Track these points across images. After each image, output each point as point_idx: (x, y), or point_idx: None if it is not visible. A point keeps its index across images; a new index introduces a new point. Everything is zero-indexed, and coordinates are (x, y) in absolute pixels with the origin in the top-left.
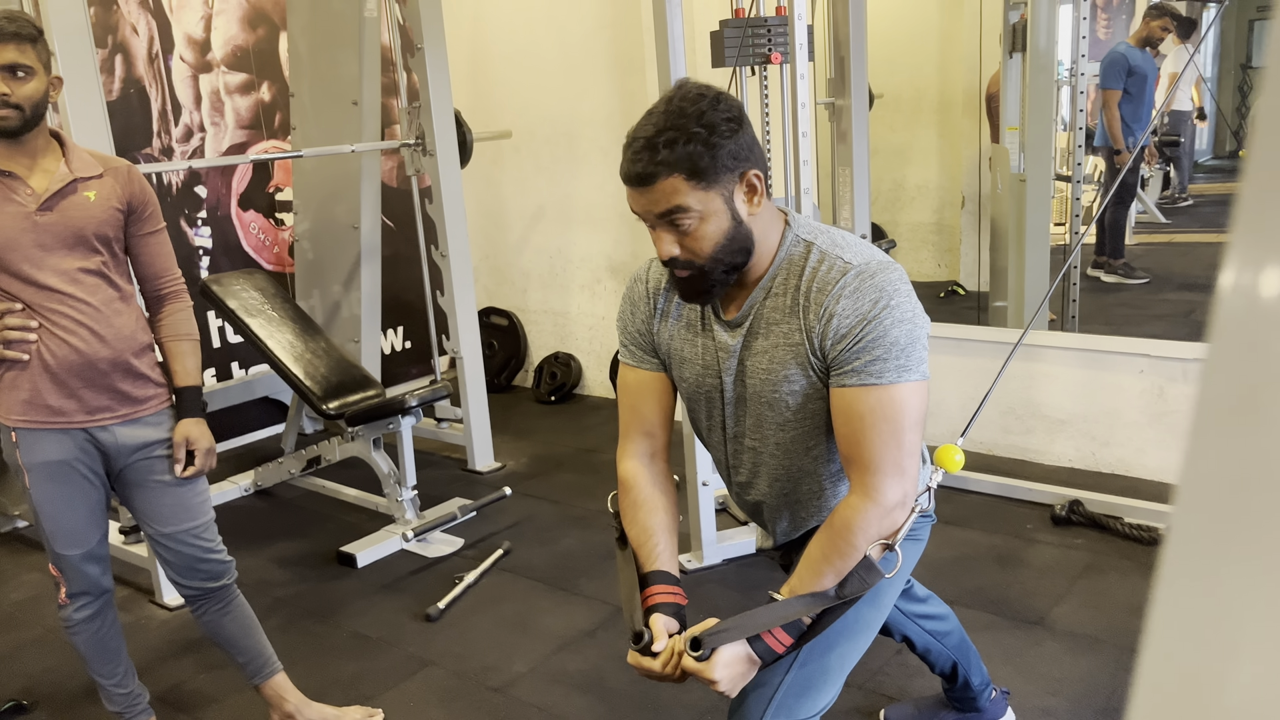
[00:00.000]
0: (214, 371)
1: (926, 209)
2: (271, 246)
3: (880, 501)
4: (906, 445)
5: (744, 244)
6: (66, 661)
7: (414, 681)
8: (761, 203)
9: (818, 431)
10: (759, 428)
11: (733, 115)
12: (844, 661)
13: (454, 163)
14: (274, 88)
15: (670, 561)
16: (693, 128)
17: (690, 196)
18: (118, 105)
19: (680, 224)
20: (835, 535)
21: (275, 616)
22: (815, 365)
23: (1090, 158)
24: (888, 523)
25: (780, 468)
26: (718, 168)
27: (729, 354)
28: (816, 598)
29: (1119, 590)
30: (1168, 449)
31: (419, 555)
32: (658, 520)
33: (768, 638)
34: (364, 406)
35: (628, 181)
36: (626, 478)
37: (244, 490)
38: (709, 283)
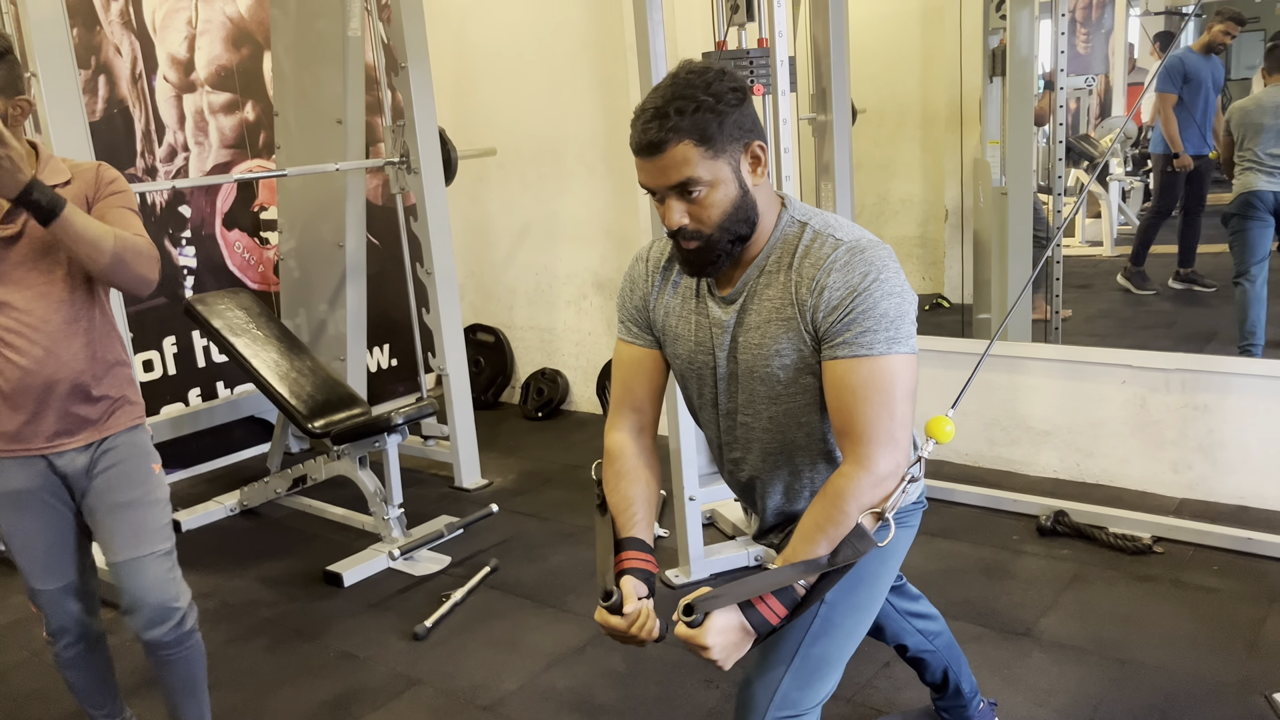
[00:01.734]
0: (199, 391)
1: (910, 222)
2: (256, 265)
3: (873, 470)
4: (898, 416)
5: (749, 214)
6: (52, 686)
7: (402, 701)
8: (764, 174)
9: (809, 407)
10: (751, 403)
11: (737, 86)
12: (843, 651)
13: (438, 180)
14: (258, 107)
15: (646, 531)
16: (701, 96)
17: (700, 165)
18: (101, 125)
19: (690, 192)
20: (828, 503)
21: (262, 637)
22: (808, 339)
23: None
24: (879, 491)
25: (773, 442)
26: (725, 135)
27: (723, 330)
28: (809, 565)
29: (1105, 600)
30: (1151, 459)
31: (406, 573)
32: (638, 491)
33: (761, 607)
34: (349, 425)
35: (639, 151)
36: (613, 448)
37: (230, 510)
38: (715, 253)
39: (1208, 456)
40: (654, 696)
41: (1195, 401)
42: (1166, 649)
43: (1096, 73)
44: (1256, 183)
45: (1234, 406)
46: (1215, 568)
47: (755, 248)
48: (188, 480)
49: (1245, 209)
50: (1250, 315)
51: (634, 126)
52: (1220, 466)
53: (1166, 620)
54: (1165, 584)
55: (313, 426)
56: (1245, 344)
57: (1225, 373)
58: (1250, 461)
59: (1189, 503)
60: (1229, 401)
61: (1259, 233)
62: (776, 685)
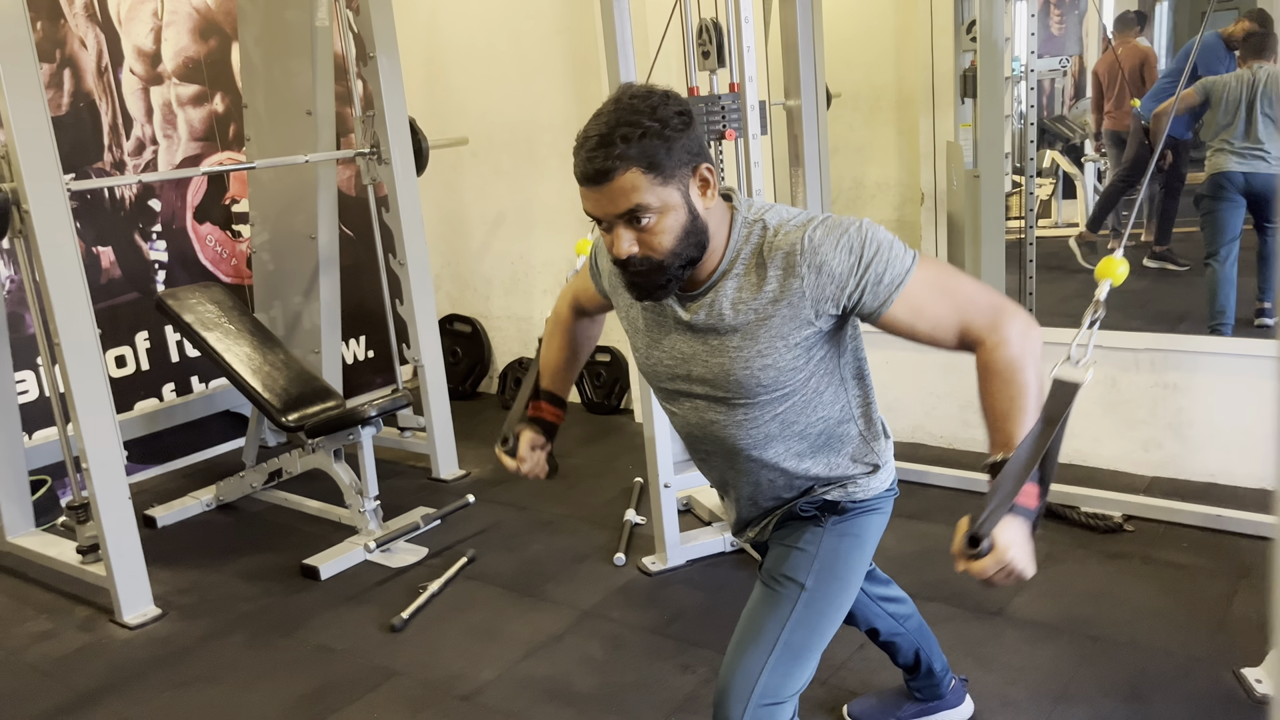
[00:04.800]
0: (174, 386)
1: (887, 206)
2: (229, 259)
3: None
4: (972, 285)
5: (700, 237)
6: (30, 685)
7: (380, 693)
8: (714, 197)
9: (780, 400)
10: (724, 402)
11: (683, 110)
12: (821, 637)
13: (410, 171)
14: (227, 99)
15: (563, 389)
16: (646, 121)
17: (649, 193)
18: (67, 120)
19: (640, 220)
20: (1002, 376)
21: (239, 632)
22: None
23: (1047, 152)
24: (1033, 340)
25: (745, 438)
26: (674, 161)
27: (689, 331)
28: (1032, 438)
29: (1077, 579)
30: (1122, 438)
31: (383, 566)
32: (567, 356)
33: (1020, 498)
34: (324, 418)
35: (585, 181)
36: (559, 313)
37: (206, 505)
38: (665, 277)
39: (1177, 435)
40: (631, 682)
41: (1165, 380)
42: (1137, 625)
43: (1070, 54)
44: (1227, 164)
45: (1203, 385)
46: (1185, 545)
47: (711, 262)
48: (163, 476)
49: (1216, 190)
50: (1220, 295)
51: (577, 155)
52: (1190, 445)
53: (1137, 597)
54: (1136, 561)
55: (287, 420)
56: (1215, 323)
57: (1194, 352)
58: (1219, 439)
59: (1160, 481)
60: (1198, 380)
61: (1229, 213)
62: (758, 674)
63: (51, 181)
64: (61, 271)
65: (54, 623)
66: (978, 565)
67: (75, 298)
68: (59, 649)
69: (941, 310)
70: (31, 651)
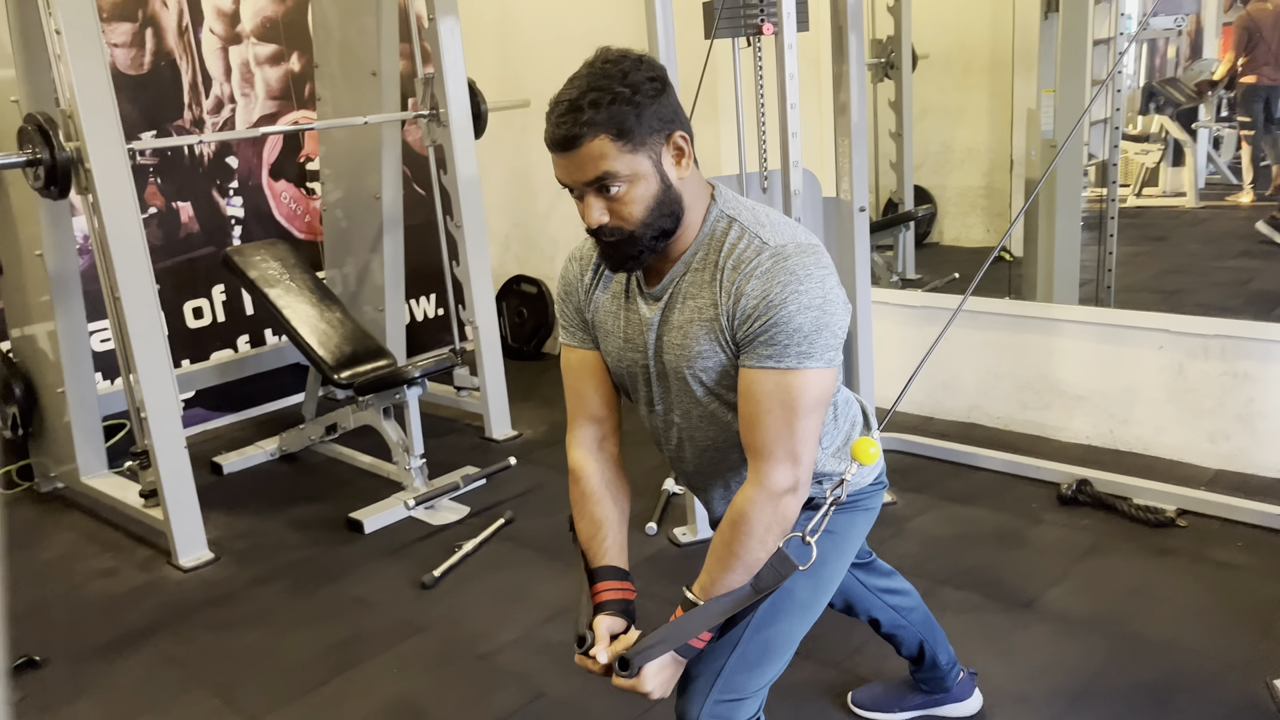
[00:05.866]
0: (248, 338)
1: (976, 172)
2: (303, 215)
3: (768, 488)
4: (799, 432)
5: (673, 208)
6: (87, 619)
7: (405, 646)
8: (689, 167)
9: (735, 405)
10: (681, 402)
11: (656, 75)
12: (790, 636)
13: (468, 134)
14: (303, 58)
15: (619, 555)
16: (616, 87)
17: (618, 160)
18: (149, 78)
19: (609, 189)
20: (733, 528)
21: (285, 579)
22: (728, 343)
23: (1156, 117)
24: (780, 510)
25: (706, 439)
26: (644, 128)
27: (648, 327)
28: (733, 597)
29: (1119, 574)
30: (1186, 427)
31: (425, 522)
32: (605, 511)
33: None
34: (372, 377)
35: (553, 147)
36: (575, 468)
37: (270, 455)
38: (638, 248)
39: (1247, 427)
40: None
41: (1235, 369)
42: (1174, 626)
43: (1187, 12)
44: None
45: (1277, 375)
46: (1240, 544)
47: (683, 242)
48: (235, 424)
49: None
50: None
51: (548, 120)
52: (1260, 437)
53: (1179, 596)
54: (1185, 559)
55: (338, 377)
56: None
57: (1267, 340)
58: None
59: (1224, 474)
60: (1271, 370)
61: None
62: (720, 669)
63: (113, 141)
64: (121, 228)
65: (116, 561)
66: (617, 680)
67: (135, 253)
68: (118, 586)
69: (760, 417)
70: (92, 587)
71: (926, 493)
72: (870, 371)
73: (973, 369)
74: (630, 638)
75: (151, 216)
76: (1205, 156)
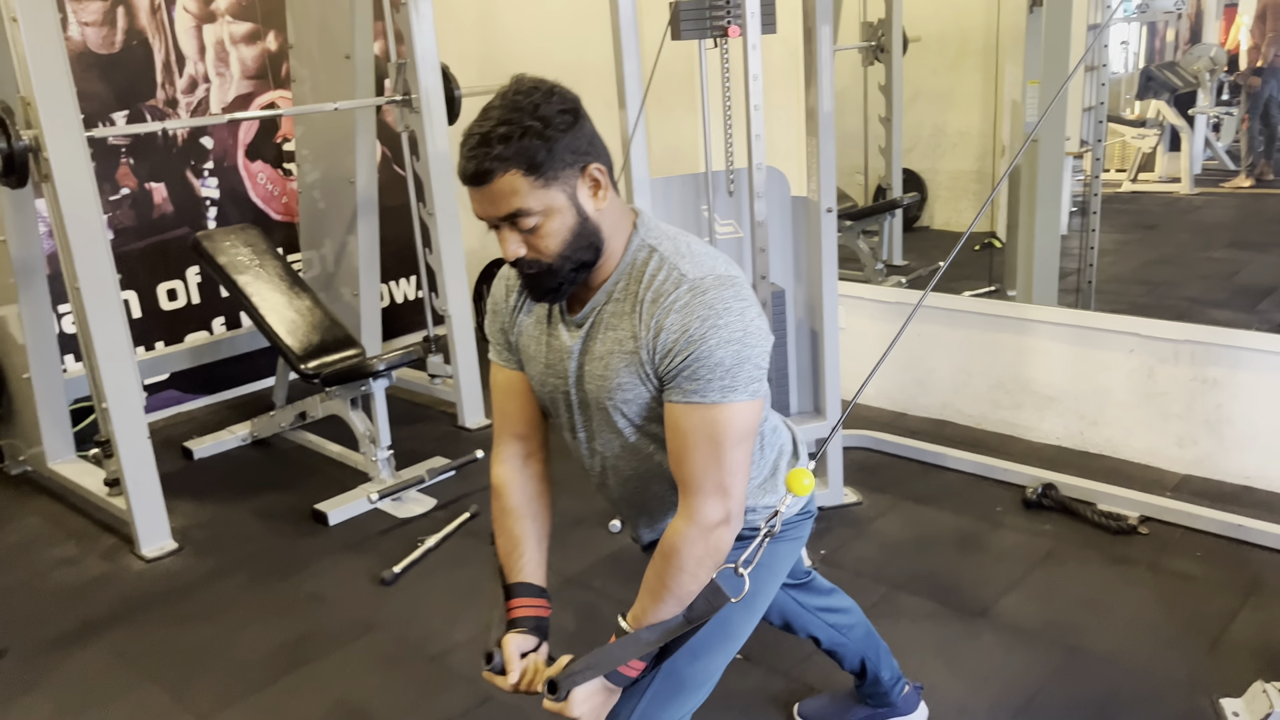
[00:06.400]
0: (223, 320)
1: (968, 156)
2: (280, 197)
3: (699, 522)
4: (728, 464)
5: (591, 240)
6: (46, 609)
7: (357, 646)
8: (607, 198)
9: (658, 436)
10: (603, 432)
11: (568, 108)
12: (709, 667)
13: (441, 120)
14: (280, 37)
15: (536, 573)
16: (527, 121)
17: (530, 196)
18: (120, 58)
19: (523, 224)
20: (664, 561)
21: (243, 571)
22: (649, 376)
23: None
24: (712, 543)
25: (628, 469)
26: (556, 161)
27: (569, 355)
28: (665, 627)
29: (1074, 583)
30: (1155, 431)
31: (390, 515)
32: (524, 529)
33: (623, 668)
34: (338, 368)
35: (465, 181)
36: (496, 484)
37: (241, 440)
38: (557, 280)
39: (1214, 432)
40: None
41: (1204, 375)
42: (1123, 639)
43: None
44: None
45: (1245, 382)
46: (1199, 553)
47: (605, 270)
48: (210, 407)
49: None
50: None
51: (460, 152)
52: (1226, 443)
53: (1132, 608)
54: (1142, 568)
55: (305, 368)
56: None
57: (1237, 347)
58: (1259, 440)
59: (1191, 479)
60: (1239, 377)
61: None
62: (639, 699)
63: (71, 130)
64: (81, 217)
65: (80, 549)
66: (547, 704)
67: (95, 243)
68: (79, 576)
69: (688, 451)
70: (53, 576)
71: (891, 492)
72: (836, 370)
73: (947, 366)
74: (541, 656)
75: (124, 197)
76: (1202, 142)
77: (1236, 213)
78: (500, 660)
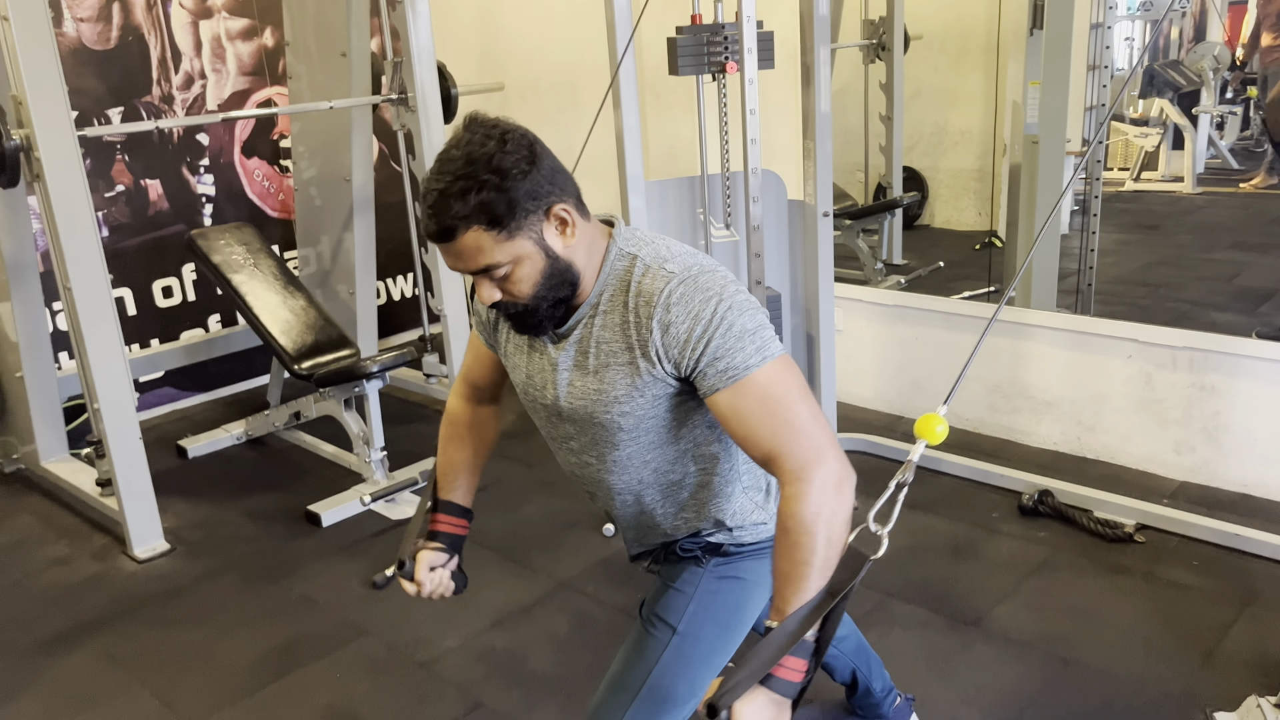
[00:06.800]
0: (219, 318)
1: (969, 155)
2: (276, 193)
3: (815, 486)
4: (806, 416)
5: (565, 277)
6: (37, 610)
7: (346, 651)
8: (576, 233)
9: (655, 447)
10: (594, 445)
11: (522, 154)
12: (694, 683)
13: (436, 119)
14: (277, 33)
15: (465, 496)
16: (483, 175)
17: (496, 250)
18: (116, 54)
19: (494, 274)
20: (792, 539)
21: (234, 574)
22: (660, 377)
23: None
24: (843, 499)
25: (619, 483)
26: (517, 211)
27: (554, 368)
28: (807, 609)
29: (1068, 592)
30: (1153, 438)
31: (384, 516)
32: (463, 455)
33: (780, 671)
34: (332, 369)
35: (429, 239)
36: (450, 411)
37: (236, 439)
38: (537, 317)
39: (1212, 440)
40: (585, 666)
41: (1203, 382)
42: (1117, 651)
43: None
44: None
45: (1243, 390)
46: (1195, 563)
47: (586, 287)
48: (205, 404)
49: None
50: None
51: (421, 209)
52: (1224, 450)
53: (1126, 618)
54: (1137, 577)
55: (298, 368)
56: None
57: (1235, 354)
58: (1256, 448)
59: (1189, 486)
60: (1238, 384)
61: None
62: (620, 716)
63: (63, 130)
64: (72, 218)
65: (72, 549)
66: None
67: (86, 243)
68: (70, 576)
69: (758, 426)
70: (45, 577)
71: None
72: (832, 374)
73: (945, 369)
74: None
75: (120, 194)
76: (1205, 141)
77: (1239, 213)
78: (411, 568)
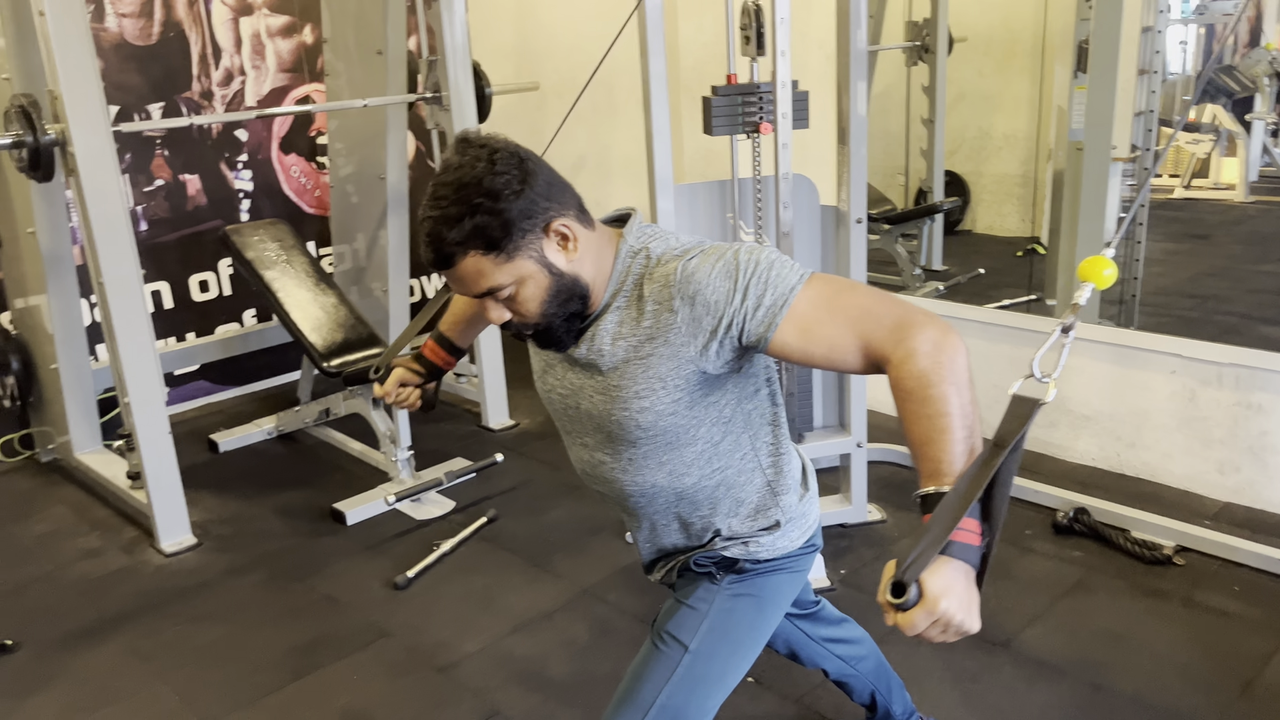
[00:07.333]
0: (255, 312)
1: (1014, 160)
2: (313, 190)
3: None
4: (875, 297)
5: (573, 292)
6: (65, 602)
7: (367, 653)
8: (579, 246)
9: (670, 448)
10: (610, 443)
11: (513, 174)
12: (705, 703)
13: (471, 118)
14: (316, 30)
15: (460, 338)
16: (475, 199)
17: (497, 273)
18: (157, 49)
19: (499, 296)
20: (918, 397)
21: (260, 571)
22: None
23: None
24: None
25: (632, 484)
26: (514, 232)
27: (572, 365)
28: (980, 464)
29: (1103, 614)
30: (1195, 456)
31: (408, 516)
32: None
33: (958, 535)
34: (360, 367)
35: (429, 266)
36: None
37: (267, 434)
38: (554, 334)
39: (1258, 460)
40: (604, 674)
41: (1249, 400)
42: (1152, 678)
43: None
44: None
45: None
46: (1236, 588)
47: (599, 290)
48: (240, 399)
49: None
50: None
51: (420, 233)
52: (1271, 472)
53: (1163, 644)
54: (1175, 602)
55: (327, 365)
56: None
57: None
58: None
59: (1232, 507)
60: None
61: None
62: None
63: (98, 125)
64: (105, 213)
65: (102, 541)
66: (905, 618)
67: (119, 238)
68: (99, 569)
69: (836, 329)
70: (75, 569)
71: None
72: (863, 381)
73: (978, 380)
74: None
75: (159, 189)
76: (1260, 148)
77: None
78: (385, 376)
